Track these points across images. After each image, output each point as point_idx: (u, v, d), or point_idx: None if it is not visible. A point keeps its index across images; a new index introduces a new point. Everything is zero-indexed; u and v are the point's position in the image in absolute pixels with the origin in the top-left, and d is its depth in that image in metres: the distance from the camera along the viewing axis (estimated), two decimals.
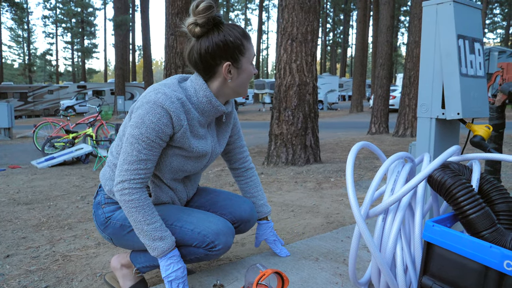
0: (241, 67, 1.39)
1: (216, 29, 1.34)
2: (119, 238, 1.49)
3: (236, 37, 1.35)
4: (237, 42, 1.35)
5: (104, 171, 1.53)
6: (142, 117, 1.28)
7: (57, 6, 45.50)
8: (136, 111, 1.32)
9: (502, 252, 0.90)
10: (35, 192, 3.92)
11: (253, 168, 1.80)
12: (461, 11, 1.72)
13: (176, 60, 7.45)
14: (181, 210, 1.49)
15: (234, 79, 1.39)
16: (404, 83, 8.71)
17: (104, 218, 1.49)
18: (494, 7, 43.20)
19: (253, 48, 1.43)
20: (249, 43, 1.40)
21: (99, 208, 1.51)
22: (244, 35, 1.37)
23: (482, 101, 1.81)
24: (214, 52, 1.33)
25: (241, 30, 1.38)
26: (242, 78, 1.41)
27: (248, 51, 1.40)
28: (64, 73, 52.61)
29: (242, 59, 1.38)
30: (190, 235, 1.40)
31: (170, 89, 1.32)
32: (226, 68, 1.36)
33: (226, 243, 1.43)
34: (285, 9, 4.89)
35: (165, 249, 1.34)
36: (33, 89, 26.68)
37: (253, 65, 1.45)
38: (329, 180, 3.98)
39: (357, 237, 1.22)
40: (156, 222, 1.34)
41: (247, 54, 1.39)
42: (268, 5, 55.77)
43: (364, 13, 19.09)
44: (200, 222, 1.42)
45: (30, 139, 10.18)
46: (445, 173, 1.14)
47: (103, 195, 1.52)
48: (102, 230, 1.52)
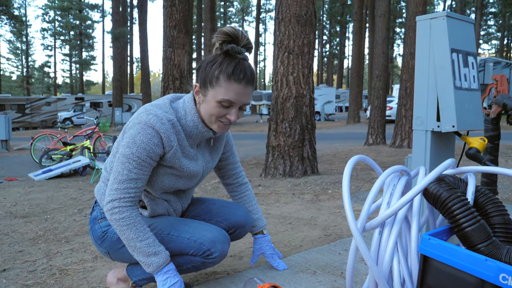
0: (207, 95, 1.33)
1: (218, 54, 1.34)
2: (116, 251, 1.49)
3: (219, 69, 1.29)
4: (213, 73, 1.29)
5: (99, 187, 1.54)
6: (133, 137, 1.30)
7: (56, 19, 45.81)
8: (128, 131, 1.34)
9: (497, 266, 0.91)
10: (32, 205, 3.90)
11: (247, 183, 1.81)
12: (454, 25, 1.75)
13: (173, 72, 7.49)
14: (177, 220, 1.52)
15: (200, 103, 1.37)
16: (401, 94, 8.77)
17: (101, 232, 1.50)
18: (488, 18, 43.77)
19: (235, 96, 1.30)
20: (229, 84, 1.29)
21: (96, 223, 1.52)
22: (230, 76, 1.28)
23: (476, 114, 1.83)
24: (198, 69, 1.37)
25: (234, 70, 1.29)
26: (205, 108, 1.36)
27: (222, 91, 1.29)
28: (62, 85, 52.70)
29: (210, 89, 1.31)
30: (186, 243, 1.42)
31: (161, 110, 1.34)
32: (195, 88, 1.37)
33: (222, 251, 1.44)
34: (281, 23, 4.95)
35: (160, 264, 1.34)
36: (30, 101, 26.70)
37: (225, 111, 1.33)
38: (327, 192, 3.99)
39: (354, 250, 1.23)
40: (148, 238, 1.34)
41: (218, 91, 1.30)
42: (265, 17, 56.32)
43: (360, 25, 19.30)
44: (196, 231, 1.44)
45: (27, 151, 10.15)
46: (441, 186, 1.15)
47: (99, 210, 1.53)
48: (99, 245, 1.51)
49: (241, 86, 1.31)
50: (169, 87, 7.50)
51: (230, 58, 1.31)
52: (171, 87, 7.49)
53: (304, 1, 4.87)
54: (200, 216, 1.70)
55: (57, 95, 41.62)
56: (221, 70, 1.29)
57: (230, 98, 1.30)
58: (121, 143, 1.36)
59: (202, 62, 1.36)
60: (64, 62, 49.87)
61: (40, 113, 26.88)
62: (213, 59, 1.32)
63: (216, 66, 1.29)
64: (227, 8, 50.69)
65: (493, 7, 41.17)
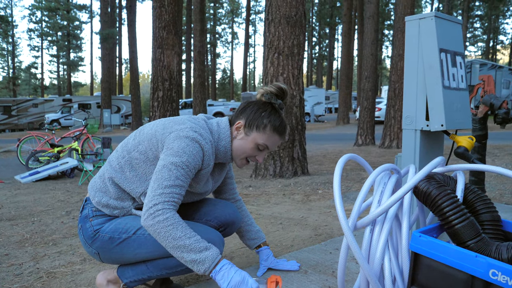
0: (250, 135, 1.48)
1: (267, 104, 1.50)
2: (107, 251, 1.45)
3: (268, 119, 1.47)
4: (262, 120, 1.47)
5: (94, 182, 1.52)
6: (183, 148, 1.35)
7: (43, 20, 45.19)
8: (173, 143, 1.36)
9: (487, 262, 0.92)
10: (18, 207, 3.83)
11: (241, 199, 1.85)
12: (442, 25, 1.77)
13: (163, 73, 7.45)
14: None
15: (237, 137, 1.50)
16: (389, 95, 8.85)
17: (92, 231, 1.46)
18: (474, 21, 44.47)
19: (271, 145, 1.50)
20: (272, 134, 1.48)
21: (87, 222, 1.48)
22: (276, 129, 1.48)
23: (465, 113, 1.85)
24: (244, 108, 1.50)
25: (280, 124, 1.49)
26: (241, 144, 1.49)
27: (264, 137, 1.48)
28: (50, 86, 52.01)
29: (255, 132, 1.47)
30: None
31: (203, 130, 1.44)
32: (237, 124, 1.49)
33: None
34: (271, 24, 4.96)
35: (215, 257, 1.29)
36: (17, 103, 26.29)
37: (259, 153, 1.52)
38: (317, 192, 4.00)
39: (345, 249, 1.23)
40: (196, 235, 1.32)
41: (261, 136, 1.48)
42: (255, 19, 56.41)
43: (349, 27, 19.42)
44: None
45: (14, 153, 9.99)
46: (430, 184, 1.16)
47: (90, 208, 1.50)
48: (89, 245, 1.47)
49: (280, 138, 1.53)
50: (159, 88, 7.45)
51: (275, 111, 1.50)
52: (160, 88, 7.45)
53: (294, 2, 4.88)
54: (190, 215, 1.68)
55: (44, 97, 41.10)
56: (270, 121, 1.48)
57: (268, 145, 1.50)
58: (165, 152, 1.36)
59: (249, 105, 1.50)
60: (52, 63, 49.23)
61: (27, 115, 26.48)
62: (263, 107, 1.49)
63: (266, 115, 1.48)
64: (216, 10, 50.64)
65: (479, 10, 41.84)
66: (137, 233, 1.42)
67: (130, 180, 1.45)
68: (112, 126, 22.97)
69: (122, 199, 1.47)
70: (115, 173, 1.46)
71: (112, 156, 1.52)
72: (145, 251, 1.43)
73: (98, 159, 5.83)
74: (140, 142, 1.45)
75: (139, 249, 1.42)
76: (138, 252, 1.43)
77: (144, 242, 1.42)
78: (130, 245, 1.43)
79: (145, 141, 1.43)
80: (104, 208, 1.48)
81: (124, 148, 1.48)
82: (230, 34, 56.68)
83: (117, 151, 1.50)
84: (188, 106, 25.63)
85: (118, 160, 1.47)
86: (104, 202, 1.47)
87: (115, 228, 1.44)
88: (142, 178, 1.44)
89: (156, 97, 7.47)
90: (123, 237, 1.42)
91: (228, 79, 60.31)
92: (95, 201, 1.48)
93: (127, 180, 1.45)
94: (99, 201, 1.47)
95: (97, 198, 1.47)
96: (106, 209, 1.48)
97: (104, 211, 1.48)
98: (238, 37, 63.30)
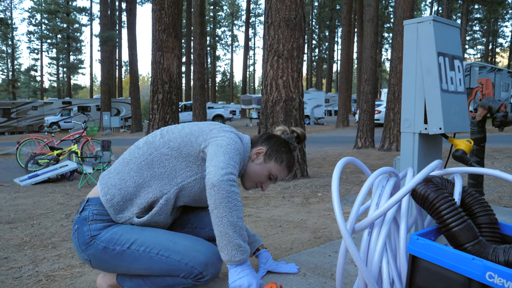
0: (267, 163, 1.59)
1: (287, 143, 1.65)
2: (100, 260, 1.42)
3: (285, 156, 1.61)
4: (282, 155, 1.60)
5: (109, 178, 1.47)
6: (232, 138, 1.45)
7: (43, 22, 45.21)
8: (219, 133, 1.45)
9: (484, 264, 0.92)
10: (18, 210, 3.83)
11: None
12: (440, 29, 1.78)
13: (163, 76, 7.46)
14: (168, 237, 1.42)
15: (255, 161, 1.58)
16: (389, 98, 8.86)
17: (88, 237, 1.40)
18: (474, 24, 44.58)
19: (280, 177, 1.64)
20: (284, 169, 1.62)
21: (85, 224, 1.41)
22: (289, 166, 1.64)
23: (463, 116, 1.86)
24: (270, 138, 1.62)
25: (293, 164, 1.66)
26: (257, 168, 1.58)
27: (279, 170, 1.61)
28: (49, 89, 51.97)
29: (273, 163, 1.59)
30: (177, 266, 1.37)
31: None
32: (259, 149, 1.59)
33: (214, 272, 1.41)
34: (271, 26, 4.97)
35: (249, 253, 1.35)
36: (16, 105, 26.30)
37: (267, 181, 1.62)
38: (316, 195, 4.00)
39: (344, 252, 1.23)
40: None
41: (277, 168, 1.60)
42: (255, 22, 56.52)
43: (349, 30, 19.47)
44: (188, 252, 1.38)
45: (13, 156, 9.99)
46: (428, 187, 1.17)
47: (91, 210, 1.43)
48: (82, 250, 1.42)
49: (288, 174, 1.67)
50: (158, 91, 7.46)
51: (291, 152, 1.65)
52: (160, 91, 7.46)
53: (294, 6, 4.90)
54: (193, 223, 1.68)
55: (44, 99, 41.08)
56: (287, 157, 1.62)
57: (278, 177, 1.63)
58: (212, 141, 1.42)
59: (273, 138, 1.64)
60: (51, 65, 49.24)
61: (26, 118, 26.49)
62: (284, 144, 1.63)
63: (285, 151, 1.62)
64: (216, 12, 50.73)
65: (478, 13, 41.96)
66: (131, 248, 1.39)
67: (158, 177, 1.43)
68: (112, 128, 22.97)
69: (131, 202, 1.44)
70: (141, 170, 1.44)
71: (133, 154, 1.49)
72: (139, 267, 1.40)
73: (98, 162, 5.83)
74: (171, 139, 1.46)
75: (134, 264, 1.40)
76: (132, 267, 1.41)
77: (138, 258, 1.39)
78: (124, 259, 1.40)
79: (178, 139, 1.46)
80: (111, 208, 1.43)
81: (150, 145, 1.47)
82: (230, 36, 56.77)
83: (140, 148, 1.48)
84: (188, 108, 25.64)
85: (145, 157, 1.45)
86: (115, 201, 1.42)
87: (110, 238, 1.40)
88: (171, 174, 1.43)
89: (156, 99, 7.48)
90: (117, 249, 1.39)
91: (228, 81, 60.36)
92: (106, 198, 1.42)
93: (154, 176, 1.43)
94: (110, 199, 1.42)
95: (110, 195, 1.42)
96: (112, 209, 1.43)
97: (109, 212, 1.43)
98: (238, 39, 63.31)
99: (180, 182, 1.44)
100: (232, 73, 56.22)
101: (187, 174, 1.44)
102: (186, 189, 1.46)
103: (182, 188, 1.45)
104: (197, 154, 1.43)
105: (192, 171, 1.44)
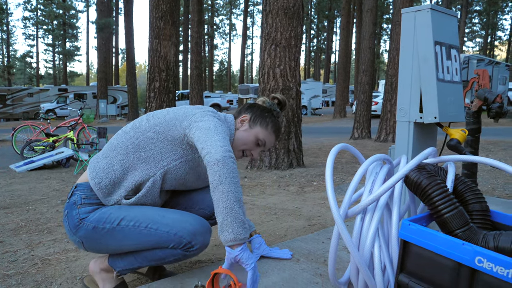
0: (253, 128, 1.59)
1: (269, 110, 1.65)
2: (91, 241, 1.45)
3: (270, 119, 1.62)
4: (266, 119, 1.61)
5: (97, 162, 1.50)
6: (214, 122, 1.43)
7: (38, 8, 44.64)
8: (201, 121, 1.43)
9: (473, 249, 0.94)
10: (13, 196, 3.84)
11: None
12: (438, 18, 1.77)
13: (159, 64, 7.41)
14: (156, 212, 1.46)
15: (240, 129, 1.59)
16: (386, 89, 8.86)
17: (78, 220, 1.44)
18: (473, 16, 44.44)
19: (269, 143, 1.63)
20: (271, 135, 1.62)
21: (74, 209, 1.45)
22: (275, 130, 1.64)
23: (458, 106, 1.86)
24: (251, 106, 1.64)
25: (279, 128, 1.66)
26: (243, 135, 1.58)
27: (266, 134, 1.60)
28: (45, 75, 51.55)
29: (259, 127, 1.59)
30: (166, 237, 1.39)
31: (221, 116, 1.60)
32: (243, 117, 1.60)
33: (203, 242, 1.43)
34: (269, 15, 4.94)
35: (249, 233, 1.31)
36: (12, 92, 26.08)
37: (256, 148, 1.61)
38: (312, 184, 4.02)
39: (336, 236, 1.25)
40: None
41: (263, 132, 1.60)
42: (253, 10, 56.04)
43: (348, 20, 19.37)
44: (176, 223, 1.41)
45: (8, 142, 9.94)
46: (421, 174, 1.18)
47: (80, 195, 1.47)
48: (73, 233, 1.45)
49: (275, 139, 1.67)
50: (155, 79, 7.42)
51: (275, 117, 1.66)
52: (157, 79, 7.42)
53: None
54: (182, 204, 1.69)
55: (39, 86, 40.76)
56: (272, 121, 1.63)
57: (266, 142, 1.62)
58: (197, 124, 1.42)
59: (255, 105, 1.65)
60: (47, 52, 48.82)
61: (22, 104, 26.29)
62: (268, 110, 1.64)
63: (269, 116, 1.63)
64: (214, 0, 50.26)
65: (478, 5, 41.81)
66: (121, 224, 1.41)
67: (144, 160, 1.46)
68: (108, 116, 22.87)
69: (119, 185, 1.47)
70: (127, 154, 1.47)
71: (120, 138, 1.51)
72: (130, 243, 1.42)
73: (94, 149, 5.82)
74: (157, 124, 1.48)
75: (124, 241, 1.42)
76: (123, 244, 1.43)
77: (128, 234, 1.41)
78: (115, 236, 1.42)
79: (163, 123, 1.47)
80: (100, 192, 1.46)
81: (137, 130, 1.49)
82: (228, 25, 56.37)
83: (127, 133, 1.51)
84: (185, 97, 25.54)
85: (131, 141, 1.48)
86: (103, 184, 1.46)
87: (99, 218, 1.43)
88: (157, 158, 1.46)
89: (152, 87, 7.44)
90: (106, 227, 1.41)
91: (225, 70, 60.08)
92: (94, 182, 1.46)
93: (141, 159, 1.46)
94: (98, 183, 1.45)
95: (98, 179, 1.46)
96: (101, 192, 1.46)
97: (98, 195, 1.46)
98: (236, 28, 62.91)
99: (166, 165, 1.47)
100: (229, 62, 55.93)
101: (173, 157, 1.47)
102: (172, 172, 1.48)
103: (167, 171, 1.48)
104: (182, 138, 1.45)
105: (177, 154, 1.47)
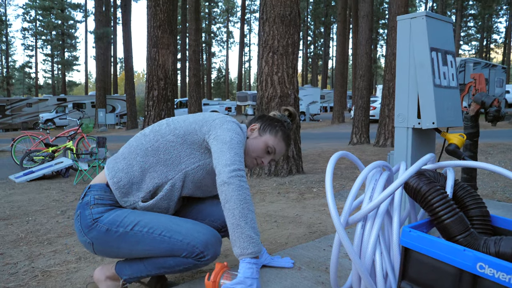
0: (262, 136, 1.61)
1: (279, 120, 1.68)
2: (103, 243, 1.44)
3: (280, 127, 1.64)
4: (275, 127, 1.63)
5: (115, 163, 1.51)
6: (235, 129, 1.48)
7: (37, 19, 44.83)
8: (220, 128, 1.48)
9: (475, 255, 0.94)
10: (13, 207, 3.83)
11: None
12: (433, 25, 1.79)
13: (158, 73, 7.44)
14: (170, 219, 1.47)
15: (250, 137, 1.62)
16: (384, 94, 8.89)
17: (91, 220, 1.43)
18: (468, 20, 44.71)
19: (279, 150, 1.64)
20: (281, 143, 1.64)
21: (87, 209, 1.45)
22: (285, 138, 1.65)
23: (455, 111, 1.87)
24: (261, 116, 1.68)
25: (288, 136, 1.68)
26: (254, 142, 1.60)
27: (275, 141, 1.62)
28: (44, 85, 51.59)
29: (268, 135, 1.62)
30: (179, 245, 1.40)
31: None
32: (253, 125, 1.64)
33: (214, 253, 1.45)
34: (266, 23, 4.97)
35: (260, 248, 1.36)
36: (11, 102, 26.10)
37: (266, 155, 1.63)
38: (312, 191, 4.02)
39: (338, 244, 1.25)
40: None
41: (272, 140, 1.61)
42: (250, 18, 56.33)
43: (344, 26, 19.48)
44: (189, 233, 1.42)
45: (8, 153, 9.93)
46: (421, 180, 1.18)
47: (93, 195, 1.47)
48: (84, 234, 1.44)
49: (285, 148, 1.68)
50: (154, 87, 7.44)
51: (285, 127, 1.69)
52: (155, 88, 7.44)
53: (288, 2, 4.90)
54: (192, 215, 1.69)
55: (38, 96, 40.80)
56: (281, 130, 1.65)
57: (276, 150, 1.63)
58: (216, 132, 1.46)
59: (265, 115, 1.70)
60: (46, 62, 48.85)
61: (21, 115, 26.29)
62: (277, 120, 1.67)
63: (278, 125, 1.66)
64: (211, 9, 50.53)
65: (472, 9, 42.09)
66: (134, 229, 1.42)
67: (163, 163, 1.49)
68: (107, 125, 22.88)
69: (137, 186, 1.48)
70: (146, 155, 1.50)
71: (139, 140, 1.54)
72: (142, 248, 1.43)
73: (93, 159, 5.82)
74: (177, 127, 1.52)
75: (136, 246, 1.43)
76: (135, 249, 1.44)
77: (141, 239, 1.42)
78: (127, 240, 1.43)
79: (183, 127, 1.51)
80: (117, 191, 1.46)
81: (157, 133, 1.52)
82: (225, 33, 56.59)
83: (146, 136, 1.54)
84: (183, 105, 25.57)
85: (151, 143, 1.51)
86: (122, 184, 1.47)
87: (113, 220, 1.43)
88: (176, 161, 1.49)
89: (151, 96, 7.46)
90: (120, 230, 1.42)
91: (223, 78, 60.22)
92: (113, 181, 1.47)
93: (160, 162, 1.49)
94: (117, 182, 1.46)
95: (116, 178, 1.47)
96: (119, 192, 1.47)
97: (115, 194, 1.47)
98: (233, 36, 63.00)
99: (184, 168, 1.49)
100: (227, 69, 56.08)
101: (191, 160, 1.50)
102: (190, 175, 1.51)
103: (186, 174, 1.50)
104: (201, 142, 1.49)
105: (195, 157, 1.50)
